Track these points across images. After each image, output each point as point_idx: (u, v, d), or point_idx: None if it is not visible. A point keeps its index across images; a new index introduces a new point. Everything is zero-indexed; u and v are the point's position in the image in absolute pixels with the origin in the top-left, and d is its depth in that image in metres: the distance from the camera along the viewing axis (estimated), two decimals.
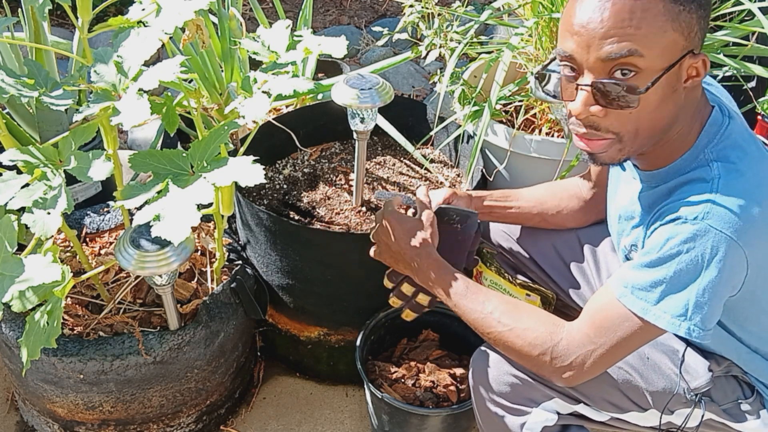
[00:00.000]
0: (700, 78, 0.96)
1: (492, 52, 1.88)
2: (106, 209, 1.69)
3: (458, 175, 1.78)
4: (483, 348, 1.24)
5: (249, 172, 1.03)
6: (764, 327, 1.10)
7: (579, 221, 1.42)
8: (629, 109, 0.94)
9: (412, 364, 1.57)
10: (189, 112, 1.31)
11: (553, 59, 1.05)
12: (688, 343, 1.18)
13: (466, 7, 1.91)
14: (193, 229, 1.60)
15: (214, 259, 1.60)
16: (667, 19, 0.90)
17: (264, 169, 1.05)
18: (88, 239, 1.64)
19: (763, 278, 1.01)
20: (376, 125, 1.53)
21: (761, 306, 1.07)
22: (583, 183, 1.40)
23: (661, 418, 1.16)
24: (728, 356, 1.15)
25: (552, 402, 1.18)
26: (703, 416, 1.13)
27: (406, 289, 1.29)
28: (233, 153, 1.34)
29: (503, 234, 1.51)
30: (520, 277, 1.54)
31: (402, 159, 1.84)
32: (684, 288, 0.96)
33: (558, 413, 1.19)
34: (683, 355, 1.15)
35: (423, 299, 1.28)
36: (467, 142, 1.76)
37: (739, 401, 1.15)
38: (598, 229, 1.42)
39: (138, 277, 1.51)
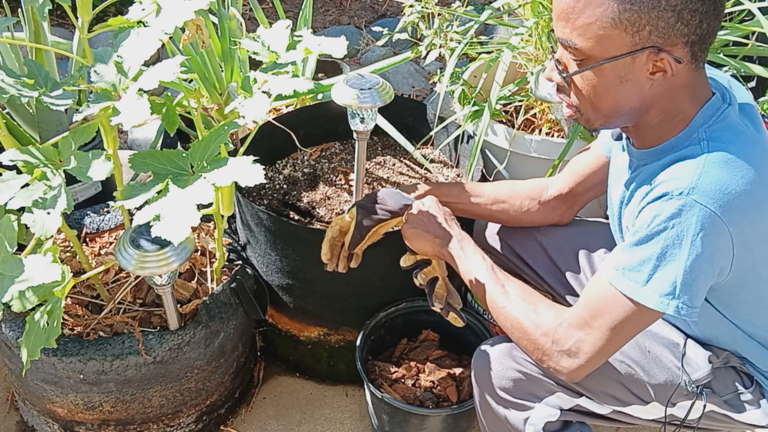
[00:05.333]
0: (669, 74, 0.98)
1: (492, 52, 1.88)
2: (106, 209, 1.69)
3: (458, 175, 1.78)
4: (485, 345, 1.25)
5: (249, 172, 1.03)
6: (757, 315, 1.11)
7: (536, 222, 1.44)
8: (574, 87, 1.04)
9: (412, 364, 1.57)
10: (189, 112, 1.31)
11: None
12: (688, 336, 1.19)
13: (466, 7, 1.92)
14: (193, 229, 1.60)
15: (214, 259, 1.60)
16: (608, 15, 0.95)
17: (264, 169, 1.05)
18: (88, 239, 1.64)
19: (752, 263, 1.02)
20: (376, 125, 1.53)
21: (753, 293, 1.08)
22: (552, 184, 1.40)
23: (666, 410, 1.17)
24: (724, 342, 1.16)
25: (555, 397, 1.19)
26: (704, 408, 1.14)
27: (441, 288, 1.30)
28: (233, 153, 1.34)
29: (495, 237, 1.51)
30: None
31: (402, 159, 1.84)
32: (671, 264, 0.97)
33: (561, 409, 1.19)
34: (684, 348, 1.16)
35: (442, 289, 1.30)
36: (467, 142, 1.76)
37: (739, 392, 1.16)
38: (592, 231, 1.43)
39: (138, 277, 1.51)
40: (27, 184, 1.10)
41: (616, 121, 1.07)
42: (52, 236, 1.10)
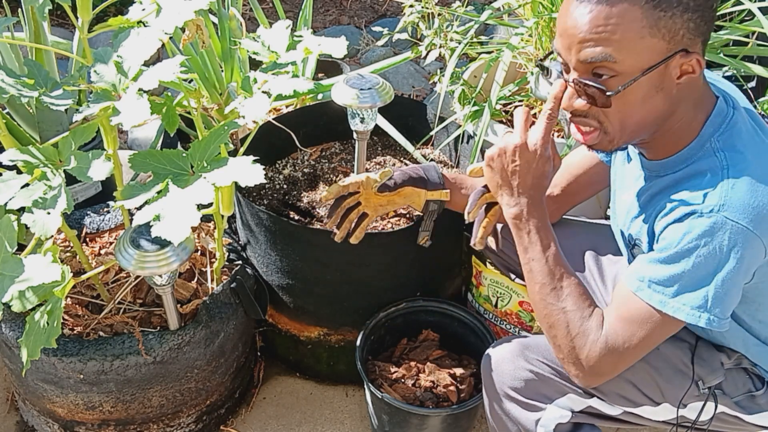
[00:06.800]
0: (696, 75, 0.98)
1: (492, 52, 1.88)
2: (106, 209, 1.69)
3: None
4: (496, 345, 1.24)
5: (249, 172, 1.03)
6: None
7: None
8: (605, 108, 0.99)
9: (412, 364, 1.57)
10: (189, 112, 1.31)
11: (551, 53, 1.09)
12: (699, 337, 1.18)
13: (466, 7, 1.92)
14: (193, 229, 1.60)
15: (214, 259, 1.60)
16: (644, 26, 0.93)
17: (264, 169, 1.05)
18: (88, 239, 1.64)
19: None
20: (376, 125, 1.53)
21: None
22: None
23: (677, 411, 1.17)
24: (736, 348, 1.16)
25: (566, 398, 1.18)
26: (716, 409, 1.14)
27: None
28: (233, 153, 1.34)
29: (501, 232, 1.51)
30: (518, 280, 1.54)
31: (402, 159, 1.84)
32: (703, 280, 0.97)
33: (572, 411, 1.19)
34: (695, 349, 1.16)
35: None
36: (467, 142, 1.76)
37: (751, 393, 1.16)
38: (599, 233, 1.42)
39: (138, 277, 1.51)
40: (27, 184, 1.10)
41: (640, 136, 1.04)
42: (52, 236, 1.11)
